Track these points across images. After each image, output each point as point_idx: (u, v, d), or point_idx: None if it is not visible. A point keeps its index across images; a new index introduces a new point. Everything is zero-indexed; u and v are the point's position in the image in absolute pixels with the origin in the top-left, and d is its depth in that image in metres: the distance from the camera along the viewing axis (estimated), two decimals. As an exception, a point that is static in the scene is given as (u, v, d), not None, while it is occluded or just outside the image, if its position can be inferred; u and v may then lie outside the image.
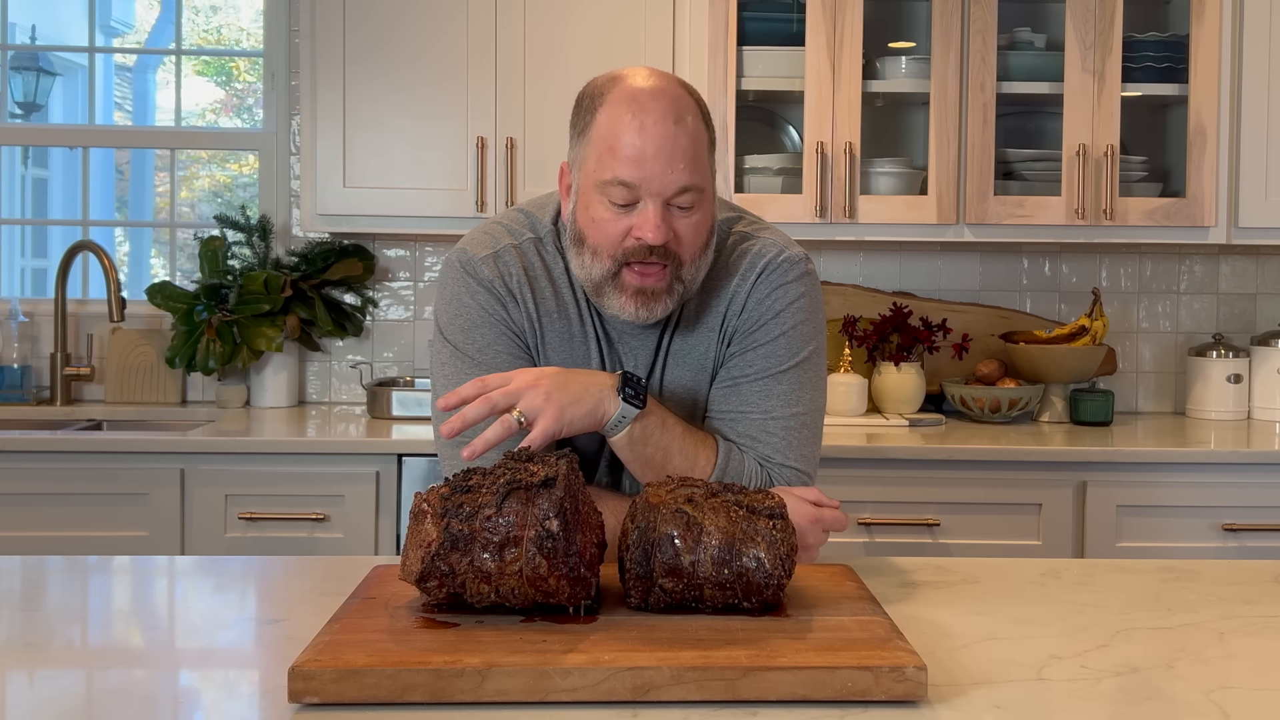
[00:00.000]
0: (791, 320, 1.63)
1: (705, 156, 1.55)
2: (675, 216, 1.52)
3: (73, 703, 1.14)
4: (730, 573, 1.22)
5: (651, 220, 1.50)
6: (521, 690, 1.08)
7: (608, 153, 1.51)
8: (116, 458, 2.76)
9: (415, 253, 3.47)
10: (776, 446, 1.61)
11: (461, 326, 1.63)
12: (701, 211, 1.54)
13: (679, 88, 1.55)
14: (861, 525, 2.77)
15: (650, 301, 1.54)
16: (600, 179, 1.52)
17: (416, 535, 1.22)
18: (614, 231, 1.53)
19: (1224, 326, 3.47)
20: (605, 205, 1.52)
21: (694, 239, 1.54)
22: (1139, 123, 3.32)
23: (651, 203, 1.50)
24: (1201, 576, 1.58)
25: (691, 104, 1.55)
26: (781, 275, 1.64)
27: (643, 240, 1.51)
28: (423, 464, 2.78)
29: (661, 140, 1.49)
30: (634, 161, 1.49)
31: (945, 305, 3.38)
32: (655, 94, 1.52)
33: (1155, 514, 2.79)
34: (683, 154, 1.50)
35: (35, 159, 4.96)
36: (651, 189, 1.50)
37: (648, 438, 1.53)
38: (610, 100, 1.53)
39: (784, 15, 3.06)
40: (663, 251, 1.52)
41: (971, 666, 1.21)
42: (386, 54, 3.07)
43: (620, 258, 1.53)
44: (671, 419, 1.56)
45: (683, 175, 1.50)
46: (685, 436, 1.57)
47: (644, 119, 1.50)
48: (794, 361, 1.63)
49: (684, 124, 1.51)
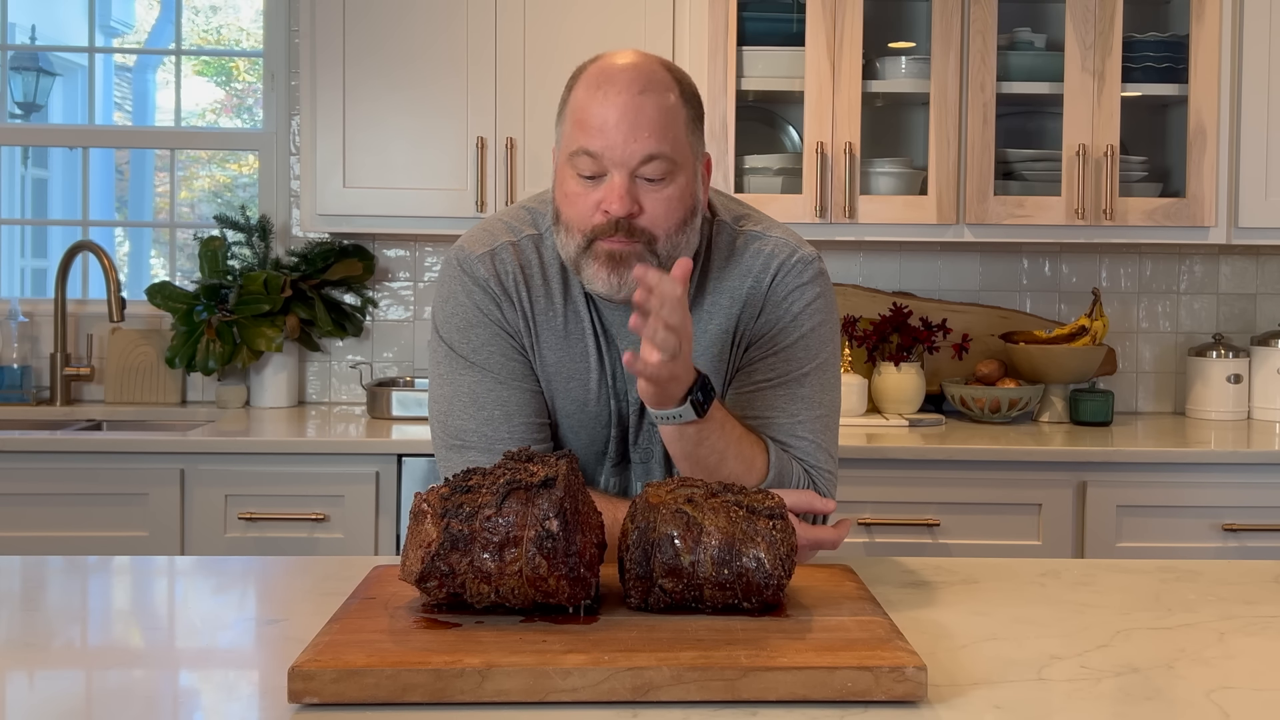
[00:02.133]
0: (810, 323, 1.63)
1: (679, 129, 1.52)
2: (643, 189, 1.50)
3: (73, 703, 1.13)
4: (730, 573, 1.22)
5: (615, 190, 1.49)
6: (521, 690, 1.08)
7: (575, 125, 1.51)
8: (116, 458, 2.76)
9: (415, 253, 3.47)
10: (807, 450, 1.61)
11: (457, 325, 1.63)
12: (674, 186, 1.51)
13: (655, 64, 1.54)
14: (861, 525, 2.77)
15: (621, 267, 1.51)
16: (569, 151, 1.52)
17: (416, 535, 1.22)
18: (584, 206, 1.52)
19: (1224, 326, 3.47)
20: (575, 179, 1.52)
21: (665, 213, 1.51)
22: (1139, 123, 3.32)
23: (616, 173, 1.49)
24: (1201, 576, 1.58)
25: (668, 79, 1.53)
26: (797, 276, 1.63)
27: (609, 212, 1.49)
28: (423, 464, 2.78)
29: (624, 108, 1.48)
30: (598, 130, 1.49)
31: (945, 305, 3.38)
32: (625, 68, 1.51)
33: (1155, 514, 2.79)
34: (647, 123, 1.49)
35: (35, 159, 4.96)
36: (614, 157, 1.49)
37: (702, 439, 1.49)
38: (583, 78, 1.54)
39: (784, 15, 3.06)
40: (629, 226, 1.50)
41: (971, 666, 1.21)
42: (386, 54, 3.07)
43: (590, 234, 1.52)
44: (731, 423, 1.53)
45: (647, 143, 1.48)
46: (742, 441, 1.54)
47: (608, 89, 1.50)
48: (815, 363, 1.63)
49: (650, 94, 1.50)
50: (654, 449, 1.67)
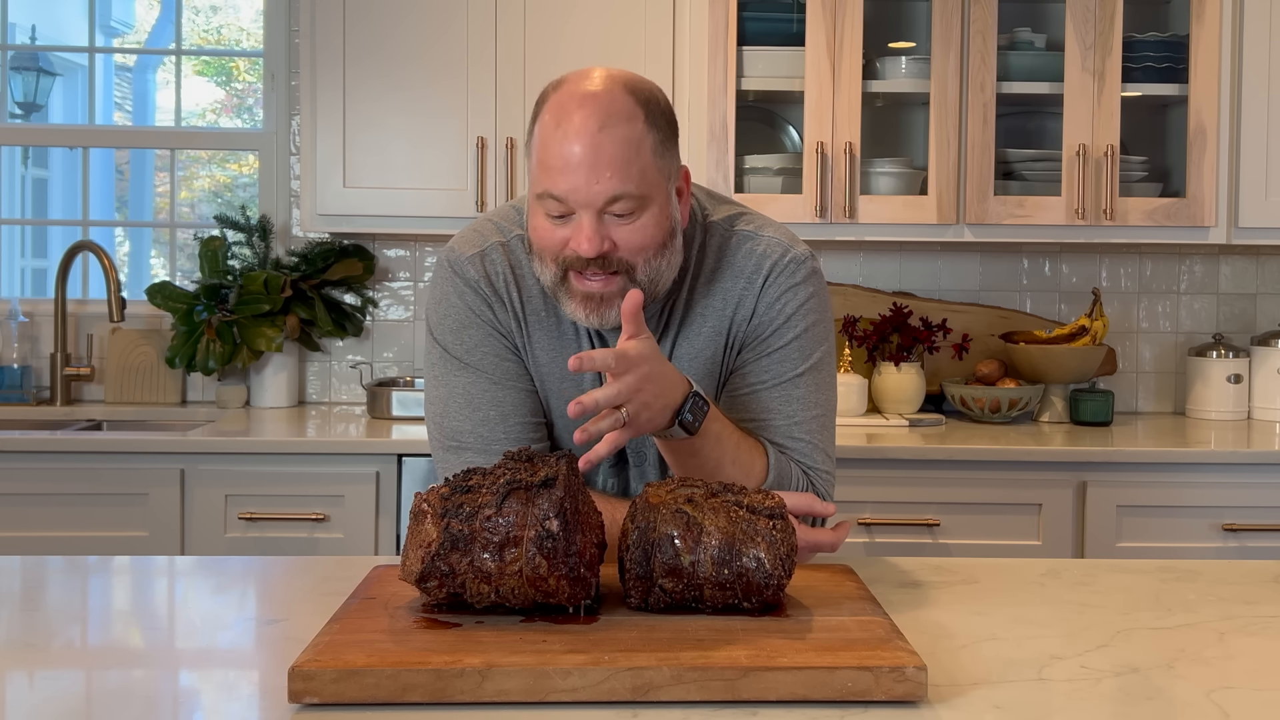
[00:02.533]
0: (804, 323, 1.62)
1: (645, 159, 1.48)
2: (612, 225, 1.48)
3: (73, 703, 1.14)
4: (730, 573, 1.22)
5: (584, 231, 1.47)
6: (521, 690, 1.08)
7: (539, 166, 1.49)
8: (116, 458, 2.76)
9: (415, 253, 3.47)
10: (804, 451, 1.61)
11: (450, 327, 1.63)
12: (646, 215, 1.49)
13: (615, 88, 1.48)
14: (861, 525, 2.77)
15: (601, 307, 1.51)
16: (536, 191, 1.50)
17: (416, 535, 1.22)
18: (553, 241, 1.50)
19: (1224, 326, 3.47)
20: (543, 216, 1.51)
21: (639, 242, 1.49)
22: (1139, 123, 3.32)
23: (584, 215, 1.47)
24: (1201, 576, 1.58)
25: (629, 105, 1.47)
26: (790, 277, 1.63)
27: (577, 252, 1.48)
28: (423, 464, 2.78)
29: (585, 149, 1.45)
30: (560, 173, 1.46)
31: (945, 305, 3.38)
32: (583, 100, 1.47)
33: (1155, 514, 2.79)
34: (609, 162, 1.45)
35: (35, 159, 4.96)
36: (579, 200, 1.46)
37: (696, 451, 1.49)
38: (546, 109, 1.50)
39: (784, 15, 3.06)
40: (602, 261, 1.49)
41: (971, 666, 1.21)
42: (386, 54, 3.07)
43: (562, 264, 1.51)
44: (727, 431, 1.52)
45: (610, 184, 1.45)
46: (739, 448, 1.53)
47: (567, 128, 1.46)
48: (810, 364, 1.63)
49: (610, 130, 1.45)
50: (647, 451, 1.67)
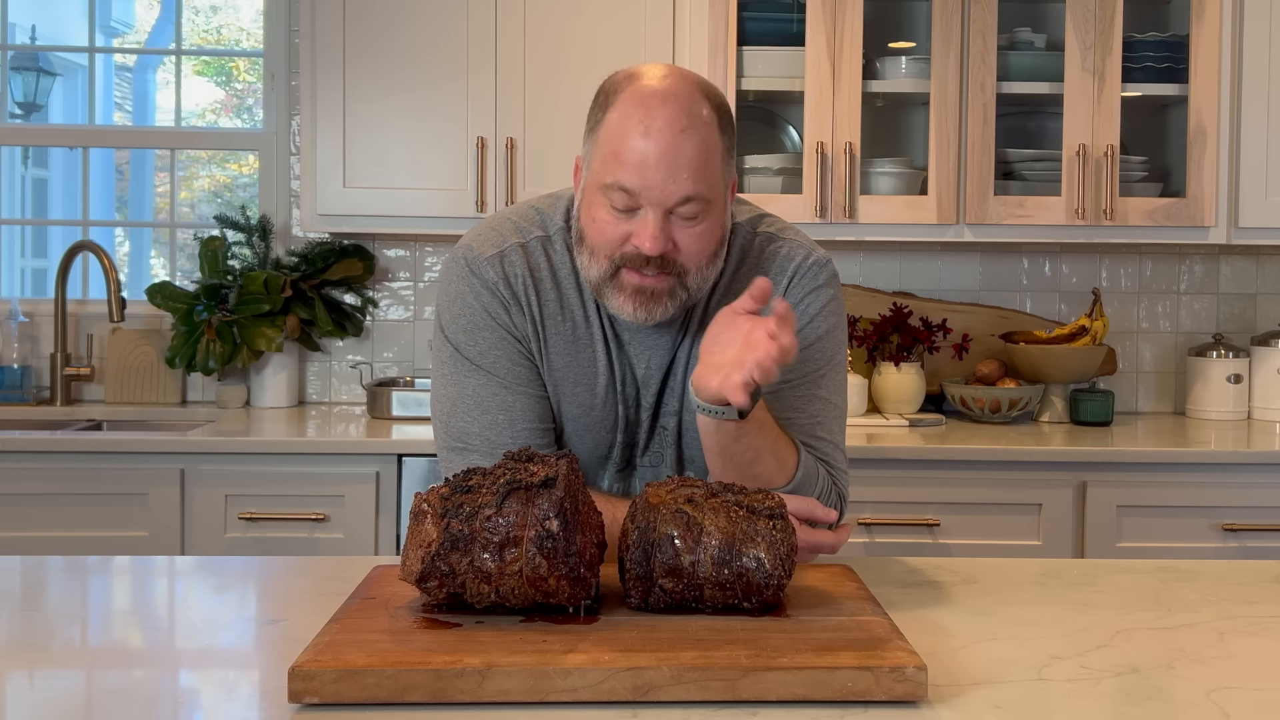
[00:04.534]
0: (826, 324, 1.64)
1: (716, 164, 1.50)
2: (677, 226, 1.49)
3: (73, 703, 1.13)
4: (730, 573, 1.22)
5: (650, 229, 1.47)
6: (521, 690, 1.08)
7: (611, 156, 1.48)
8: (116, 458, 2.76)
9: (415, 253, 3.47)
10: (827, 451, 1.62)
11: (464, 328, 1.61)
12: (707, 221, 1.51)
13: (695, 91, 1.50)
14: (862, 525, 2.77)
15: (650, 303, 1.52)
16: (603, 181, 1.49)
17: (416, 535, 1.22)
18: (613, 235, 1.50)
19: (1224, 326, 3.47)
20: (606, 208, 1.50)
21: (698, 249, 1.51)
22: (1139, 123, 3.32)
23: (651, 212, 1.47)
24: (1201, 576, 1.58)
25: (706, 111, 1.49)
26: (813, 279, 1.64)
27: (640, 249, 1.48)
28: (423, 464, 2.78)
29: (665, 148, 1.46)
30: (636, 168, 1.46)
31: (945, 305, 3.38)
32: (665, 98, 1.48)
33: (1155, 514, 2.79)
34: (687, 164, 1.46)
35: (35, 159, 4.96)
36: (652, 198, 1.47)
37: (740, 436, 1.48)
38: (621, 100, 1.50)
39: (784, 15, 3.06)
40: (660, 261, 1.49)
41: (971, 666, 1.21)
42: (386, 54, 3.07)
43: (618, 260, 1.51)
44: (770, 423, 1.52)
45: (685, 185, 1.46)
46: (778, 440, 1.53)
47: (649, 124, 1.46)
48: (831, 365, 1.65)
49: (691, 132, 1.47)
50: (665, 453, 1.66)
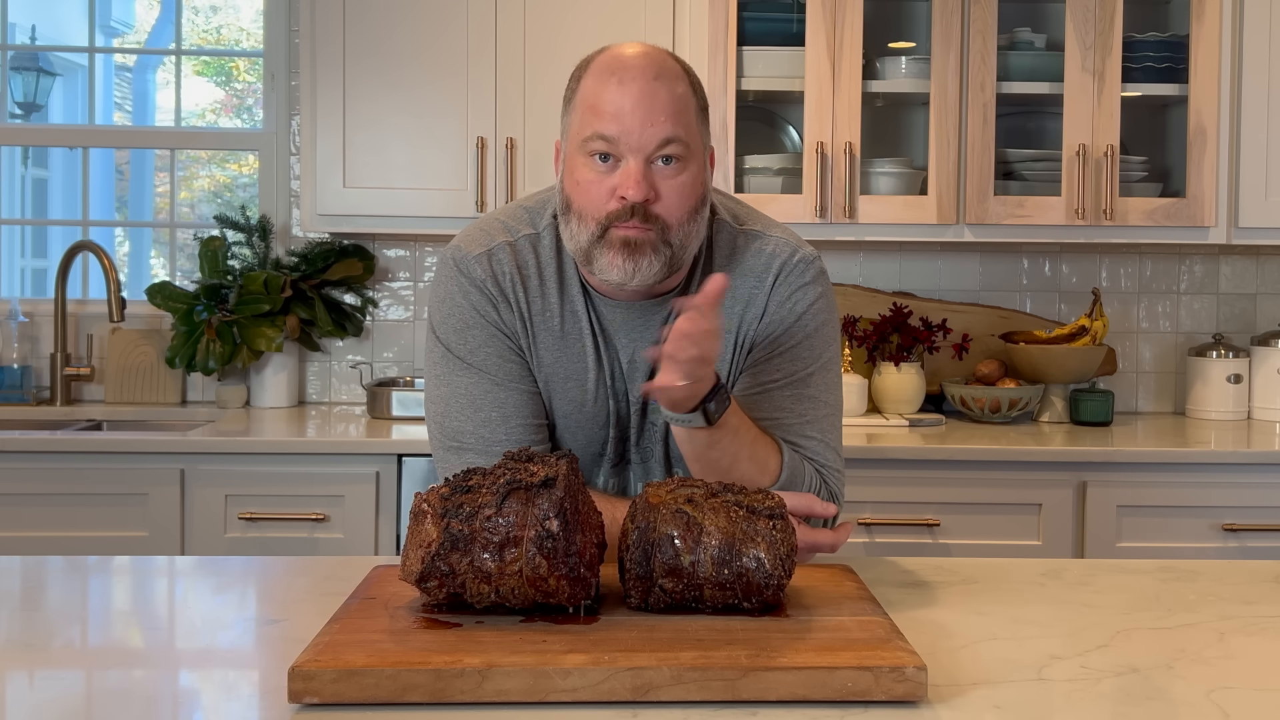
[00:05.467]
0: (814, 323, 1.64)
1: (691, 117, 1.53)
2: (659, 175, 1.51)
3: (73, 703, 1.13)
4: (730, 573, 1.22)
5: (633, 175, 1.49)
6: (521, 690, 1.08)
7: (589, 112, 1.51)
8: (116, 458, 2.76)
9: (415, 253, 3.47)
10: (817, 450, 1.62)
11: (454, 326, 1.62)
12: (687, 173, 1.52)
13: (664, 54, 1.55)
14: (861, 525, 2.77)
15: (636, 255, 1.51)
16: (582, 137, 1.52)
17: (416, 535, 1.22)
18: (598, 193, 1.51)
19: (1224, 326, 3.47)
20: (589, 165, 1.52)
21: (679, 200, 1.52)
22: (1139, 123, 3.32)
23: (632, 158, 1.49)
24: (1201, 576, 1.58)
25: (678, 69, 1.54)
26: (799, 277, 1.64)
27: (625, 197, 1.49)
28: (423, 464, 2.78)
29: (640, 94, 1.49)
30: (613, 116, 1.49)
31: (945, 305, 3.38)
32: (636, 55, 1.52)
33: (1155, 514, 2.79)
34: (663, 108, 1.49)
35: (35, 159, 4.95)
36: (631, 143, 1.49)
37: (714, 443, 1.49)
38: (592, 68, 1.54)
39: (784, 15, 3.06)
40: (644, 212, 1.50)
41: (971, 666, 1.21)
42: (386, 54, 3.07)
43: (605, 221, 1.51)
44: (745, 427, 1.52)
45: (663, 128, 1.49)
46: (755, 444, 1.53)
47: (622, 75, 1.50)
48: (820, 363, 1.64)
49: (664, 80, 1.51)
50: (654, 448, 1.67)
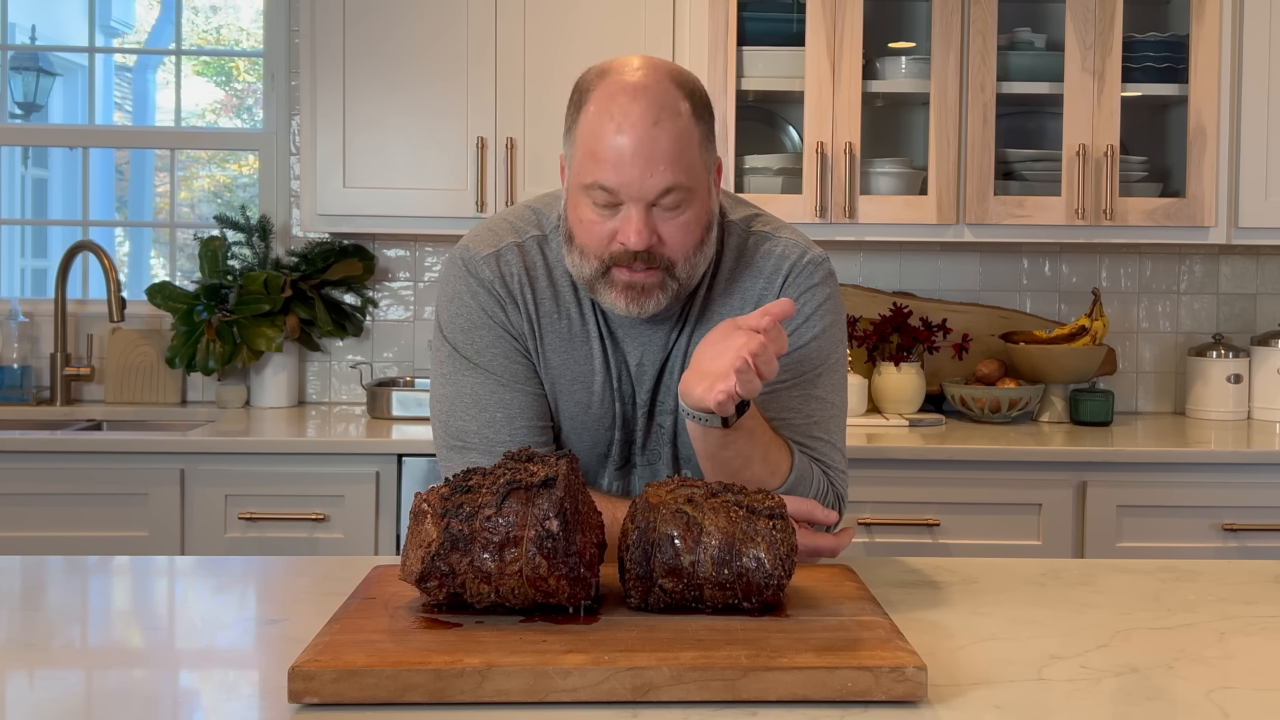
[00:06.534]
0: (821, 324, 1.64)
1: (693, 152, 1.50)
2: (660, 218, 1.49)
3: (73, 703, 1.13)
4: (730, 573, 1.22)
5: (634, 224, 1.48)
6: (521, 690, 1.08)
7: (588, 156, 1.49)
8: (116, 458, 2.76)
9: (415, 253, 3.47)
10: (824, 451, 1.62)
11: (461, 326, 1.62)
12: (691, 210, 1.51)
13: (666, 81, 1.50)
14: (861, 525, 2.77)
15: (641, 297, 1.52)
16: (583, 182, 1.50)
17: (416, 535, 1.22)
18: (599, 234, 1.51)
19: (1224, 326, 3.47)
20: (589, 207, 1.51)
21: (683, 239, 1.51)
22: (1139, 123, 3.32)
23: (633, 207, 1.48)
24: (1201, 576, 1.58)
25: (678, 100, 1.49)
26: (809, 278, 1.64)
27: (626, 245, 1.48)
28: (423, 464, 2.78)
29: (639, 143, 1.46)
30: (612, 166, 1.47)
31: (945, 305, 3.38)
32: (636, 93, 1.48)
33: (1155, 514, 2.79)
34: (662, 156, 1.46)
35: (35, 159, 4.96)
36: (631, 193, 1.47)
37: (727, 444, 1.48)
38: (593, 98, 1.50)
39: (784, 15, 3.06)
40: (648, 255, 1.49)
41: (971, 666, 1.21)
42: (386, 54, 3.07)
43: (607, 260, 1.51)
44: (761, 430, 1.51)
45: (663, 177, 1.47)
46: (769, 446, 1.53)
47: (621, 121, 1.47)
48: (828, 364, 1.64)
49: (665, 124, 1.47)
50: (661, 451, 1.67)
